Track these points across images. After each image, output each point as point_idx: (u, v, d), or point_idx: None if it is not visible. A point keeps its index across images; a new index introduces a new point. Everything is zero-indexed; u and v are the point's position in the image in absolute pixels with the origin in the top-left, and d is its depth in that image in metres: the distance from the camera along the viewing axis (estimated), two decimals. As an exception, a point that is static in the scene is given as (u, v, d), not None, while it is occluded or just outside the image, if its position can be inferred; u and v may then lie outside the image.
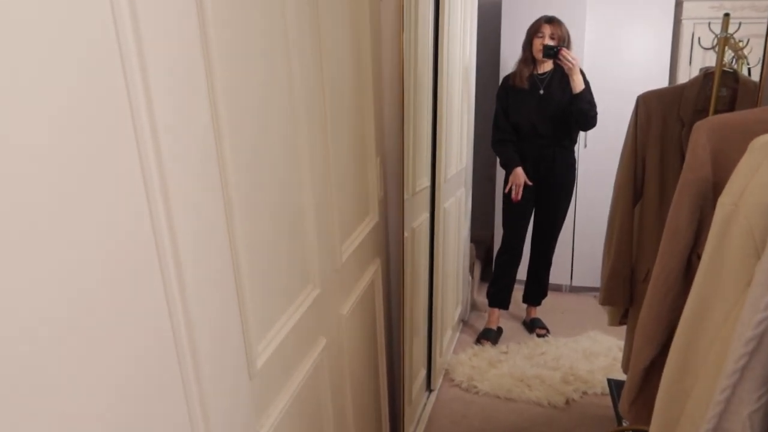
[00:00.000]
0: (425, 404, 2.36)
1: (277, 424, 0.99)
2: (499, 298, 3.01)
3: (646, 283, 1.52)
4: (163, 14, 0.64)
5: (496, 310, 3.02)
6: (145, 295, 0.63)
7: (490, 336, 2.92)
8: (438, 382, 2.53)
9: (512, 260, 2.97)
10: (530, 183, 2.77)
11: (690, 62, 3.06)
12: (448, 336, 2.76)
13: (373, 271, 1.62)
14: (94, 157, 0.54)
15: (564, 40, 2.63)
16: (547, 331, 3.01)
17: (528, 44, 2.71)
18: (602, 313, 1.99)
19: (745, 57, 1.90)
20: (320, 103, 1.15)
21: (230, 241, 0.83)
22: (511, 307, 3.08)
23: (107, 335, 0.56)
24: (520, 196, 2.77)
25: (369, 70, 1.48)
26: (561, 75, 2.66)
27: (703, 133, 1.02)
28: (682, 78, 3.03)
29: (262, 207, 0.94)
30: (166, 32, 0.65)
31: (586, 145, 3.27)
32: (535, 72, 2.73)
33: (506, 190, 2.83)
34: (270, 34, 0.93)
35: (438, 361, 2.50)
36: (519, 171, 2.76)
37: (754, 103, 1.49)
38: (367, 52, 1.46)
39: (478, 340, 2.91)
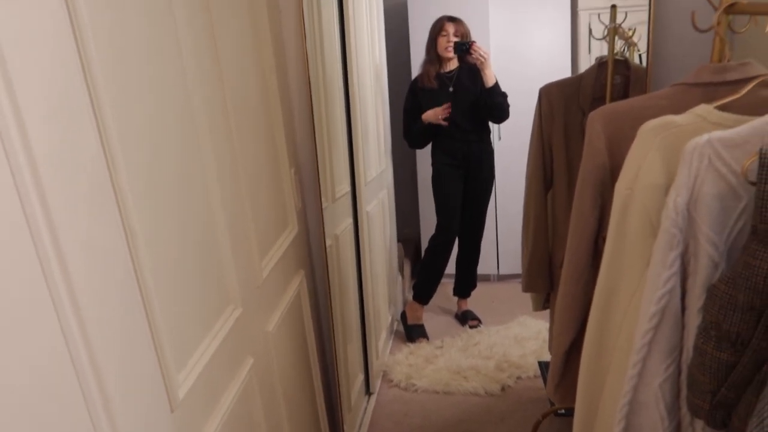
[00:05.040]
0: (365, 408, 2.36)
1: (207, 454, 0.96)
2: (425, 290, 3.02)
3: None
4: (32, 37, 0.60)
5: (421, 306, 3.04)
6: (37, 339, 0.59)
7: (423, 332, 2.95)
8: (377, 384, 2.54)
9: (446, 245, 2.97)
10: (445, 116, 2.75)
11: (589, 51, 3.20)
12: (383, 338, 2.77)
13: (297, 283, 1.60)
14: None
15: (467, 38, 2.71)
16: (479, 321, 3.07)
17: (432, 44, 2.76)
18: (530, 299, 2.06)
19: (635, 44, 2.01)
20: (224, 118, 1.12)
21: (135, 271, 0.79)
22: (442, 301, 3.12)
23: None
24: (447, 111, 2.74)
25: (274, 81, 1.46)
26: (467, 71, 2.73)
27: (597, 122, 1.07)
28: (584, 68, 3.18)
29: (170, 231, 0.90)
30: (37, 55, 0.61)
31: (500, 138, 3.36)
32: (441, 71, 2.79)
33: (440, 118, 2.76)
34: (160, 49, 0.90)
35: (375, 363, 2.50)
36: (429, 111, 2.77)
37: (644, 89, 1.58)
38: (270, 63, 1.44)
39: (413, 340, 2.93)
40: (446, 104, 2.73)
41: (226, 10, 1.16)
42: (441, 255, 3.01)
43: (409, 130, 2.91)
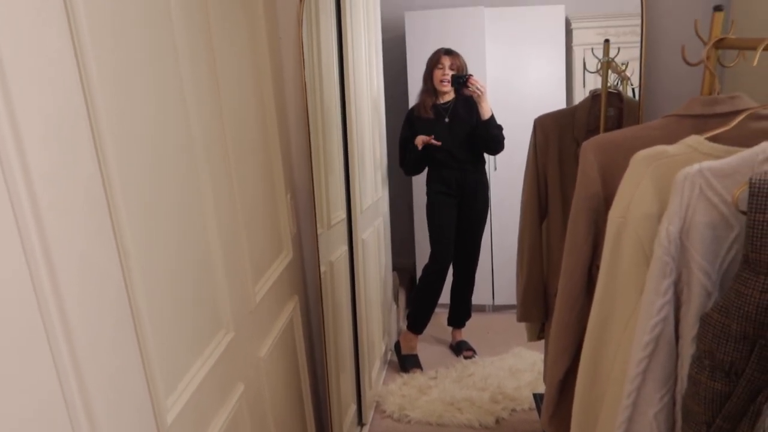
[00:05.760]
0: (358, 440, 2.32)
1: (194, 482, 0.94)
2: (418, 319, 3.00)
3: (557, 297, 1.58)
4: (33, 60, 0.61)
5: (415, 336, 3.03)
6: (28, 360, 0.58)
7: (416, 362, 2.92)
8: (369, 415, 2.50)
9: (439, 273, 2.97)
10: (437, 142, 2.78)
11: (584, 85, 3.26)
12: (376, 367, 2.74)
13: (290, 309, 1.59)
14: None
15: (463, 71, 2.76)
16: (474, 352, 3.05)
17: (429, 75, 2.81)
18: (525, 330, 2.04)
19: (628, 78, 2.05)
20: (221, 141, 1.13)
21: (128, 293, 0.78)
22: (436, 331, 3.10)
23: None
24: (431, 137, 2.77)
25: (272, 107, 1.47)
26: (464, 102, 2.77)
27: (590, 152, 1.08)
28: (579, 101, 3.22)
29: (165, 253, 0.90)
30: (39, 81, 0.62)
31: (496, 168, 3.38)
32: (437, 102, 2.83)
33: (420, 148, 2.82)
34: (161, 76, 0.91)
35: (368, 393, 2.47)
36: (419, 137, 2.80)
37: (637, 120, 1.60)
38: (269, 90, 1.46)
39: (406, 370, 2.90)
40: (433, 137, 2.78)
41: (226, 37, 1.18)
42: (434, 284, 3.00)
43: (405, 159, 2.93)
